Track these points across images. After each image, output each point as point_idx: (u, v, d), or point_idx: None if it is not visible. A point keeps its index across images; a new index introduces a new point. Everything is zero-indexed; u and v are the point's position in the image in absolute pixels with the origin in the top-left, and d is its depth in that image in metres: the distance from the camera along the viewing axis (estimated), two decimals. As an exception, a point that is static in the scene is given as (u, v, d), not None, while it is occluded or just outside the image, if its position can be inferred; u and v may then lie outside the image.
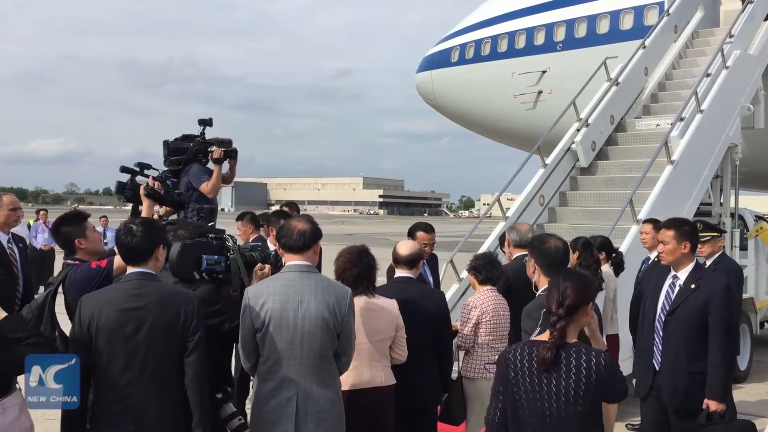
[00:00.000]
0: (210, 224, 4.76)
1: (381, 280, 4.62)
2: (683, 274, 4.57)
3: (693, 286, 4.49)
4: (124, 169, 4.76)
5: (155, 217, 4.79)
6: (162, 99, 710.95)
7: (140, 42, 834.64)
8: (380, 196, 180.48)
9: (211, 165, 6.08)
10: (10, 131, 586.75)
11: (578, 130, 10.04)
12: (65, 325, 3.55)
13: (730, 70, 9.96)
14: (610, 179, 9.72)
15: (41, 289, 7.73)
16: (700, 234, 6.54)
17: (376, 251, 4.48)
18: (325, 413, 3.58)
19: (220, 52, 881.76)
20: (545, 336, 2.99)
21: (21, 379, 3.08)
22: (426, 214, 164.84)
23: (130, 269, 3.37)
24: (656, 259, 6.70)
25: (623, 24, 14.64)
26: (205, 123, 6.05)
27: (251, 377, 3.83)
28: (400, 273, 4.65)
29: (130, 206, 4.87)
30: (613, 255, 6.45)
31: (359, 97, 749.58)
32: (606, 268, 6.19)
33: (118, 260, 3.87)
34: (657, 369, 4.59)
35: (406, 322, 4.30)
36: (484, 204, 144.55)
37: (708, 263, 6.43)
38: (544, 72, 15.83)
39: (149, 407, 3.19)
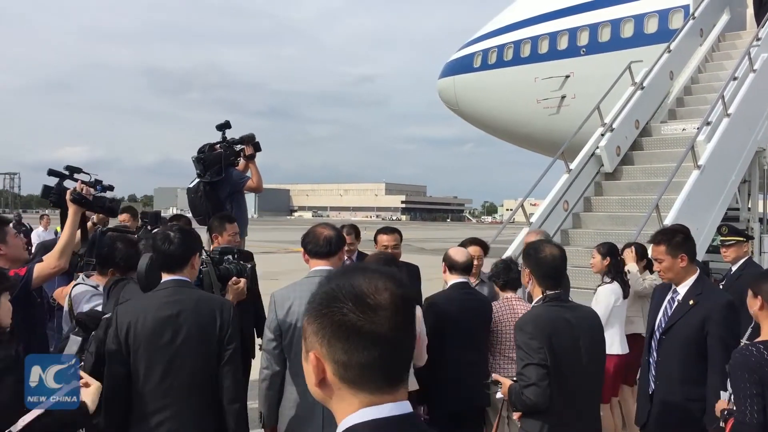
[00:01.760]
0: (155, 229, 4.62)
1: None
2: (683, 289, 4.11)
3: (692, 302, 4.02)
4: (51, 172, 4.42)
5: (89, 224, 4.62)
6: (186, 106, 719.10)
7: (165, 50, 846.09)
8: (402, 202, 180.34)
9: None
10: (37, 139, 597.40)
11: (603, 135, 9.98)
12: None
13: (758, 73, 9.85)
14: (636, 184, 9.64)
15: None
16: (724, 238, 6.49)
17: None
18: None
19: (244, 59, 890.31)
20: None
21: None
22: (449, 220, 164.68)
23: (166, 276, 3.35)
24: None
25: (648, 28, 14.51)
26: (224, 127, 6.14)
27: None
28: (456, 279, 4.69)
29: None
30: (646, 259, 6.41)
31: (381, 103, 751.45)
32: (649, 276, 6.18)
33: (38, 268, 3.80)
34: (650, 393, 4.18)
35: (471, 325, 4.50)
36: (507, 209, 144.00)
37: (734, 269, 6.36)
38: (567, 77, 15.75)
39: (187, 416, 3.17)
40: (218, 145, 6.04)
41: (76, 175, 4.39)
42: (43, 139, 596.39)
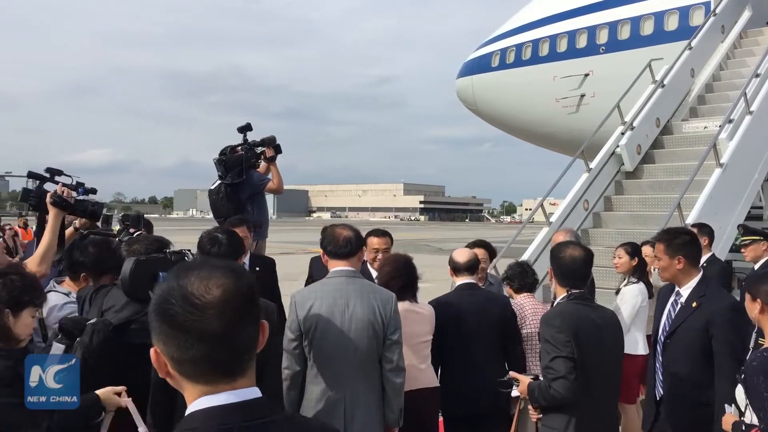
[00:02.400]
0: (137, 232, 4.47)
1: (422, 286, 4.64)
2: (686, 291, 4.04)
3: (694, 304, 3.94)
4: (31, 175, 4.26)
5: (71, 229, 4.45)
6: (207, 108, 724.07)
7: (187, 54, 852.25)
8: (421, 202, 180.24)
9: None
10: (61, 142, 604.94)
11: (623, 134, 9.91)
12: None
13: (781, 70, 9.71)
14: (656, 183, 9.56)
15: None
16: (742, 238, 6.45)
17: (418, 257, 4.53)
18: (369, 417, 3.62)
19: (263, 62, 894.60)
20: None
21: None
22: (467, 220, 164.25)
23: None
24: (704, 264, 6.59)
25: (668, 25, 14.38)
26: (246, 129, 6.19)
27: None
28: (461, 280, 4.65)
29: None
30: None
31: (399, 105, 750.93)
32: None
33: None
34: (658, 398, 4.10)
35: (472, 325, 4.39)
36: (527, 209, 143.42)
37: (756, 268, 6.32)
38: (586, 75, 15.64)
39: None
40: (239, 147, 6.10)
41: (57, 178, 4.23)
42: (66, 142, 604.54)
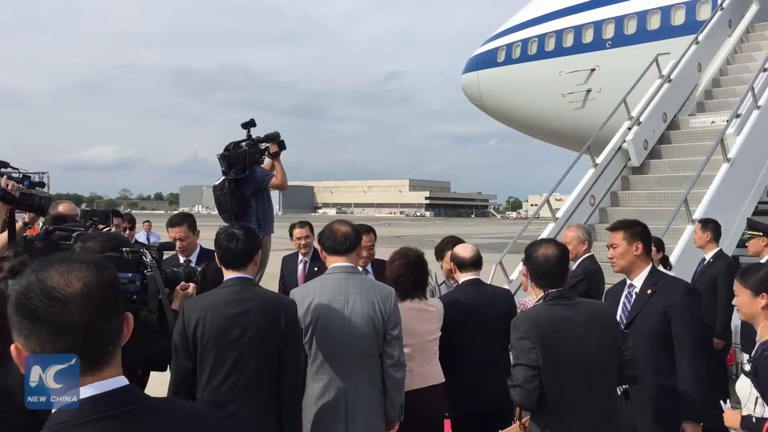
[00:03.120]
0: (106, 228, 4.37)
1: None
2: (639, 281, 4.07)
3: (649, 291, 3.97)
4: None
5: (20, 224, 4.29)
6: (213, 106, 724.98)
7: (193, 51, 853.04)
8: (426, 198, 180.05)
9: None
10: (68, 140, 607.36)
11: (629, 129, 9.85)
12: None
13: (789, 64, 9.63)
14: (663, 178, 9.50)
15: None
16: (748, 232, 6.43)
17: (424, 254, 4.48)
18: (371, 413, 3.61)
19: (270, 59, 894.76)
20: None
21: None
22: (473, 216, 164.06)
23: (230, 274, 3.35)
24: (711, 260, 6.55)
25: (675, 19, 14.29)
26: (249, 125, 6.16)
27: None
28: (466, 276, 4.60)
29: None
30: (662, 253, 6.37)
31: (406, 101, 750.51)
32: (661, 269, 6.10)
33: None
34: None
35: (479, 322, 4.35)
36: (532, 205, 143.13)
37: (762, 262, 6.30)
38: (592, 70, 15.57)
39: (249, 412, 3.16)
40: (243, 143, 6.08)
41: (2, 170, 4.07)
42: (73, 140, 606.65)
